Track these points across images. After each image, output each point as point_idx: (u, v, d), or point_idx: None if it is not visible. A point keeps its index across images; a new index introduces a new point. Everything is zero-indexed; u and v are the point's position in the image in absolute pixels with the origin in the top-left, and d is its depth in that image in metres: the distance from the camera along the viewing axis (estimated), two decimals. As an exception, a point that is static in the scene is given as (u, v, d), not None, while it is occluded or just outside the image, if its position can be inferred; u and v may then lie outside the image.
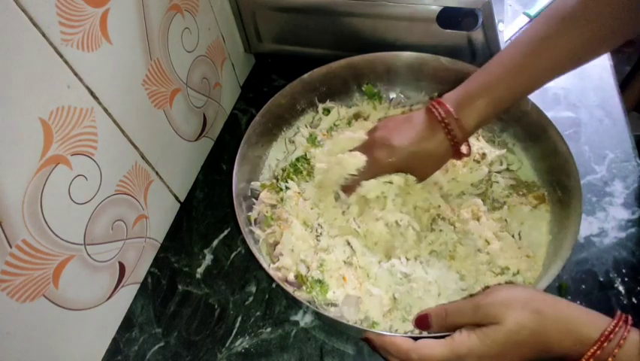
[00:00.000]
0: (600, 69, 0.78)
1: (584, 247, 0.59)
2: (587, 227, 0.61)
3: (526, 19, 0.85)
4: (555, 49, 0.47)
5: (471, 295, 0.51)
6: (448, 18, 0.67)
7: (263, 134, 0.65)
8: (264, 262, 0.53)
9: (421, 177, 0.57)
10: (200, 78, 0.69)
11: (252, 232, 0.58)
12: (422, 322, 0.46)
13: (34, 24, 0.40)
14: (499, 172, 0.63)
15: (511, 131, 0.65)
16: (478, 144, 0.64)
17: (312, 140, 0.67)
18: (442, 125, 0.51)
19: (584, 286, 0.56)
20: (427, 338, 0.44)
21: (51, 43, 0.42)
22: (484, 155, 0.63)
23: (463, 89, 0.52)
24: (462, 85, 0.52)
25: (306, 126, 0.69)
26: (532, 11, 0.86)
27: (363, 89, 0.72)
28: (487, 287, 0.52)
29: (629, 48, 1.49)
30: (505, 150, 0.64)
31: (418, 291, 0.51)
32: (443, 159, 0.55)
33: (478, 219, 0.57)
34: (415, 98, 0.71)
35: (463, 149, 0.54)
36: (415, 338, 0.43)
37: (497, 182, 0.62)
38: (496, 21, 0.66)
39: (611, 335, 0.38)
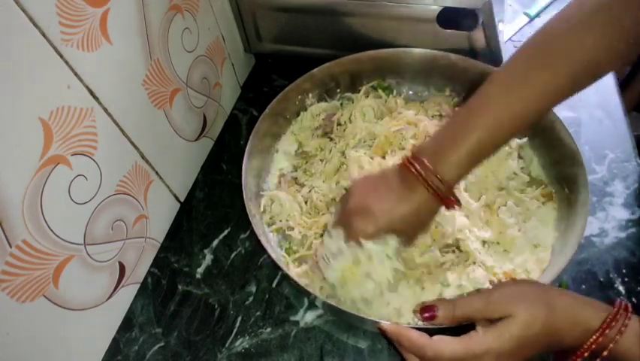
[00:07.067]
0: (600, 69, 0.78)
1: (584, 247, 0.59)
2: (587, 227, 0.60)
3: (526, 19, 0.86)
4: (537, 82, 0.43)
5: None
6: (448, 18, 0.67)
7: (271, 127, 0.67)
8: (272, 251, 0.53)
9: (410, 240, 0.50)
10: (200, 78, 0.69)
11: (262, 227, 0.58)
12: (428, 312, 0.45)
13: (34, 24, 0.40)
14: (522, 168, 0.63)
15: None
16: None
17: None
18: (420, 181, 0.45)
19: (584, 286, 0.56)
20: (435, 328, 0.44)
21: (51, 44, 0.42)
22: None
23: (437, 139, 0.47)
24: (436, 133, 0.47)
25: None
26: (532, 11, 0.86)
27: (374, 84, 0.72)
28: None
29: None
30: (526, 138, 0.64)
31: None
32: (430, 217, 0.49)
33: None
34: (423, 93, 0.73)
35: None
36: (430, 332, 0.43)
37: (517, 176, 0.62)
38: (496, 21, 0.66)
39: (613, 323, 0.39)
